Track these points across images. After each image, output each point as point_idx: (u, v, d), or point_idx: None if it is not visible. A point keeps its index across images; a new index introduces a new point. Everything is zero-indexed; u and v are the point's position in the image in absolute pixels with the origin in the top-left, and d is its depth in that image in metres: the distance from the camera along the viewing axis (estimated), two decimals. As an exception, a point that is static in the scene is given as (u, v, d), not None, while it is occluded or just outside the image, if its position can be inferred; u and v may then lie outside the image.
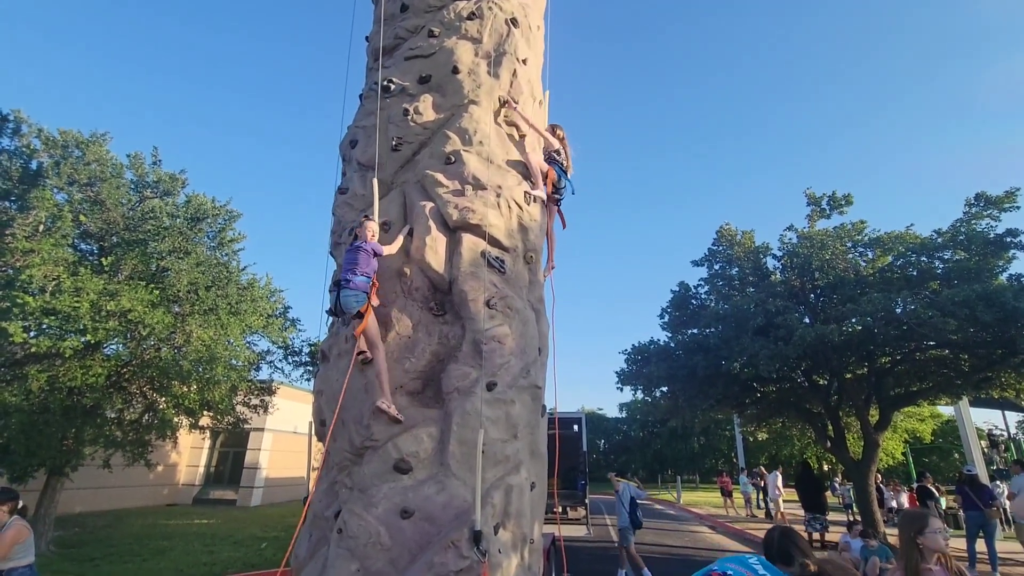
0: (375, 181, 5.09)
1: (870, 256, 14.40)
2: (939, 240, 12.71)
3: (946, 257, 12.61)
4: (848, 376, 14.60)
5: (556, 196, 5.90)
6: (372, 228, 4.57)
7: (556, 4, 7.43)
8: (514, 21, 5.89)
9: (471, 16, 5.76)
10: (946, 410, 30.57)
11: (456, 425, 4.14)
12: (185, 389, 11.92)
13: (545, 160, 5.81)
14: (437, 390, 4.46)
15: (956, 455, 34.65)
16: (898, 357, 13.54)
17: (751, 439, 35.73)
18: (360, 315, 4.26)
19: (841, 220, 15.06)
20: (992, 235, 11.95)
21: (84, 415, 10.81)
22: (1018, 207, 11.98)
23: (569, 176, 6.03)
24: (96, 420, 11.09)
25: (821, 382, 15.22)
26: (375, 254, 4.45)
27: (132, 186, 12.46)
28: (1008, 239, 11.66)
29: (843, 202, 15.13)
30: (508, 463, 4.32)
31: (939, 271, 12.59)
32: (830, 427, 15.08)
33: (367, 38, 6.69)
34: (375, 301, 4.45)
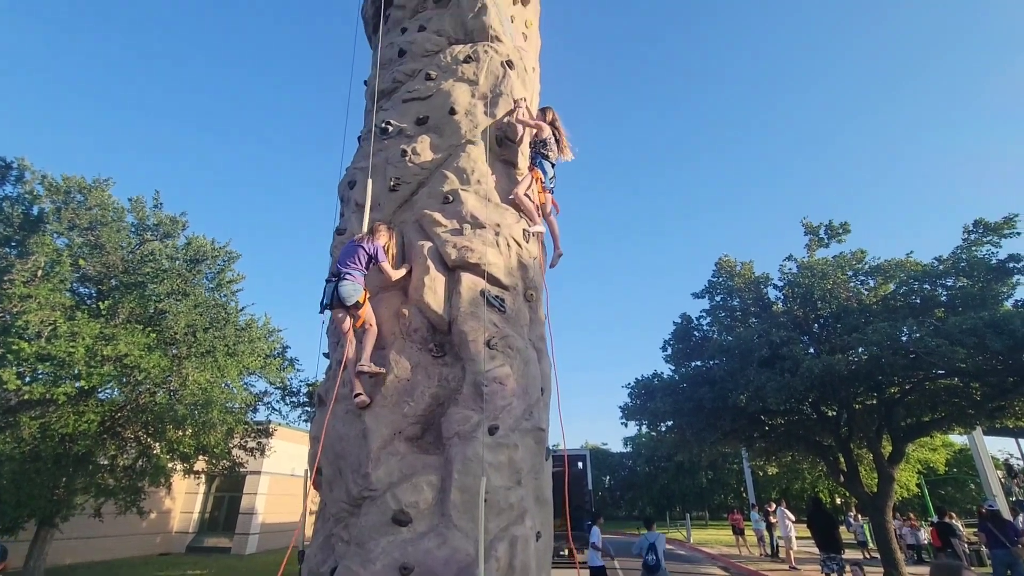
0: (369, 181, 5.19)
1: (872, 284, 14.34)
2: (940, 267, 12.67)
3: (949, 284, 12.55)
4: (857, 407, 14.31)
5: (548, 187, 5.77)
6: (384, 234, 4.70)
7: (550, 19, 7.62)
8: (509, 63, 6.00)
9: (468, 59, 5.87)
10: (958, 438, 29.92)
11: (457, 472, 3.97)
12: (180, 434, 11.65)
13: (532, 151, 5.67)
14: (437, 435, 4.30)
15: (972, 486, 33.73)
16: (907, 387, 13.30)
17: (760, 473, 34.85)
18: (358, 305, 4.43)
19: (840, 249, 15.10)
20: (994, 261, 11.92)
21: (76, 463, 10.53)
22: (1018, 233, 11.99)
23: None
24: (88, 468, 10.80)
25: (830, 414, 14.90)
26: (371, 258, 4.56)
27: (133, 229, 12.53)
28: (1011, 265, 11.62)
29: (840, 231, 15.20)
30: (512, 512, 4.11)
31: (943, 298, 12.50)
32: (842, 460, 14.68)
33: (365, 82, 6.81)
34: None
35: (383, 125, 5.65)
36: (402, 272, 4.78)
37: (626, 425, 17.80)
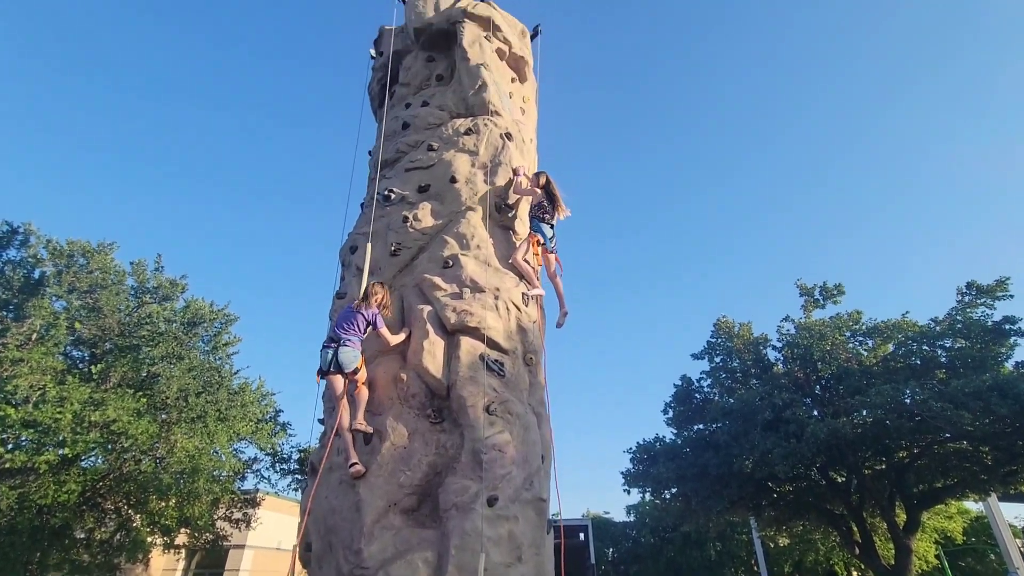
0: (369, 246, 5.27)
1: (870, 345, 14.35)
2: (937, 328, 12.75)
3: (947, 345, 12.58)
4: (867, 472, 13.89)
5: (549, 248, 5.82)
6: (379, 293, 4.68)
7: (547, 93, 8.03)
8: (508, 135, 6.29)
9: (468, 132, 6.17)
10: (974, 505, 28.76)
11: (455, 548, 3.77)
12: (163, 504, 11.13)
13: (531, 216, 5.82)
14: (434, 507, 4.13)
15: (992, 556, 32.05)
16: (916, 451, 13.00)
17: (772, 544, 33.10)
18: (355, 371, 4.43)
19: (836, 309, 15.23)
20: (990, 323, 12.02)
21: (52, 536, 10.00)
22: (1011, 296, 12.19)
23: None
24: (64, 542, 10.25)
25: (839, 480, 14.44)
26: (369, 324, 4.55)
27: (132, 292, 12.58)
28: (1007, 327, 11.72)
29: (835, 292, 15.39)
30: (512, 592, 3.88)
31: (943, 360, 12.49)
32: (855, 530, 14.05)
33: (370, 152, 7.10)
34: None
35: (386, 192, 5.84)
36: (401, 337, 4.78)
37: (629, 492, 17.21)
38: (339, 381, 4.48)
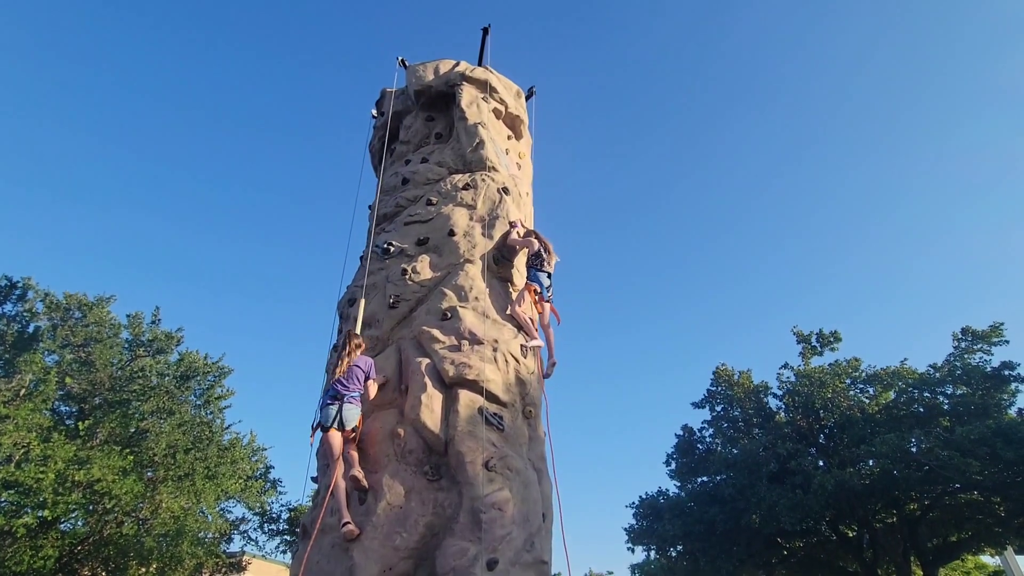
0: (361, 302, 5.26)
1: (871, 393, 14.24)
2: (937, 375, 12.71)
3: (949, 392, 12.50)
4: (879, 526, 13.44)
5: (546, 298, 5.83)
6: (357, 341, 4.71)
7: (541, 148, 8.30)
8: (505, 190, 6.47)
9: (467, 187, 6.34)
10: (991, 560, 27.64)
11: (453, 617, 3.58)
12: (143, 571, 10.58)
13: (528, 266, 5.88)
14: (431, 571, 3.94)
15: (1017, 616, 30.44)
16: (927, 503, 12.64)
17: (785, 606, 31.46)
18: (355, 428, 4.40)
19: (834, 356, 15.19)
20: (989, 369, 12.01)
21: (22, 608, 9.39)
22: (1007, 341, 12.24)
23: (555, 262, 6.03)
24: (35, 614, 9.61)
25: (850, 534, 13.95)
26: (367, 376, 4.56)
27: (126, 345, 12.47)
28: (1006, 372, 11.70)
29: (832, 339, 15.39)
30: (515, 667, 3.65)
31: (946, 407, 12.38)
32: (871, 589, 13.43)
33: (370, 206, 7.25)
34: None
35: (385, 245, 5.92)
36: (374, 390, 4.71)
37: (632, 551, 16.46)
38: (338, 439, 4.39)
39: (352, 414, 4.41)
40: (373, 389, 4.69)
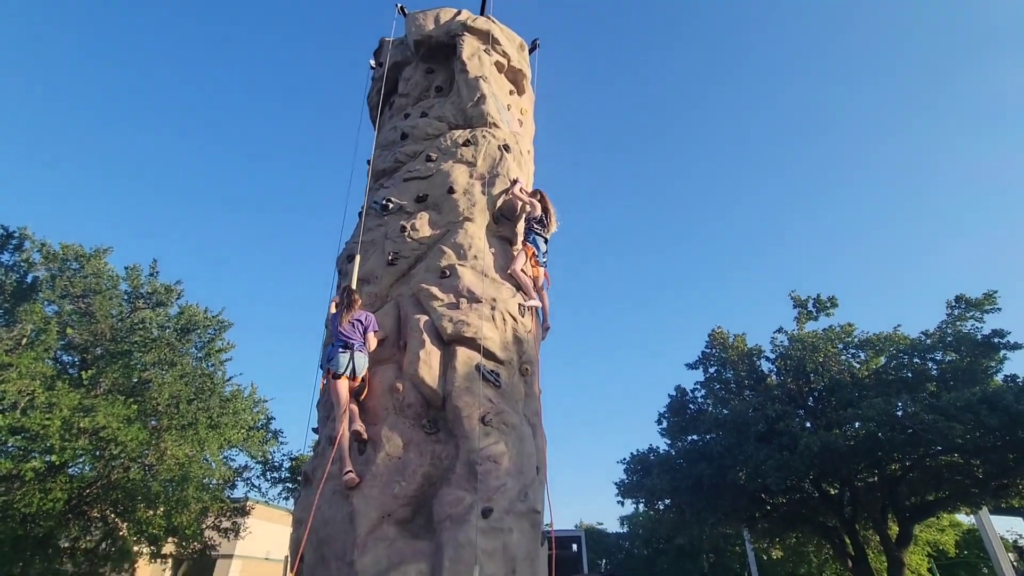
0: (358, 258, 5.28)
1: (863, 357, 14.45)
2: (928, 341, 12.87)
3: (938, 358, 12.69)
4: (860, 485, 13.93)
5: (541, 262, 5.87)
6: (355, 296, 4.81)
7: (544, 105, 8.12)
8: (506, 147, 6.34)
9: (467, 143, 6.21)
10: (966, 518, 28.83)
11: (448, 560, 3.75)
12: (151, 513, 10.97)
13: (526, 227, 5.88)
14: (428, 518, 4.10)
15: (985, 569, 32.06)
16: (908, 464, 13.06)
17: (765, 557, 32.99)
18: (363, 379, 4.56)
19: (829, 322, 15.32)
20: (979, 336, 12.15)
21: (35, 545, 9.81)
22: (999, 309, 12.32)
23: (554, 230, 6.05)
24: (47, 551, 10.06)
25: (832, 492, 14.47)
26: (367, 328, 4.68)
27: (126, 297, 12.48)
28: (996, 340, 11.83)
29: (828, 304, 15.49)
30: (506, 606, 3.85)
31: (934, 372, 12.60)
32: (848, 542, 14.06)
33: (368, 161, 7.12)
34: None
35: (384, 202, 5.85)
36: (375, 342, 4.83)
37: (622, 504, 17.10)
38: (346, 388, 4.51)
39: (362, 362, 4.55)
40: (373, 342, 4.78)
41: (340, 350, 4.56)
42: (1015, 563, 22.14)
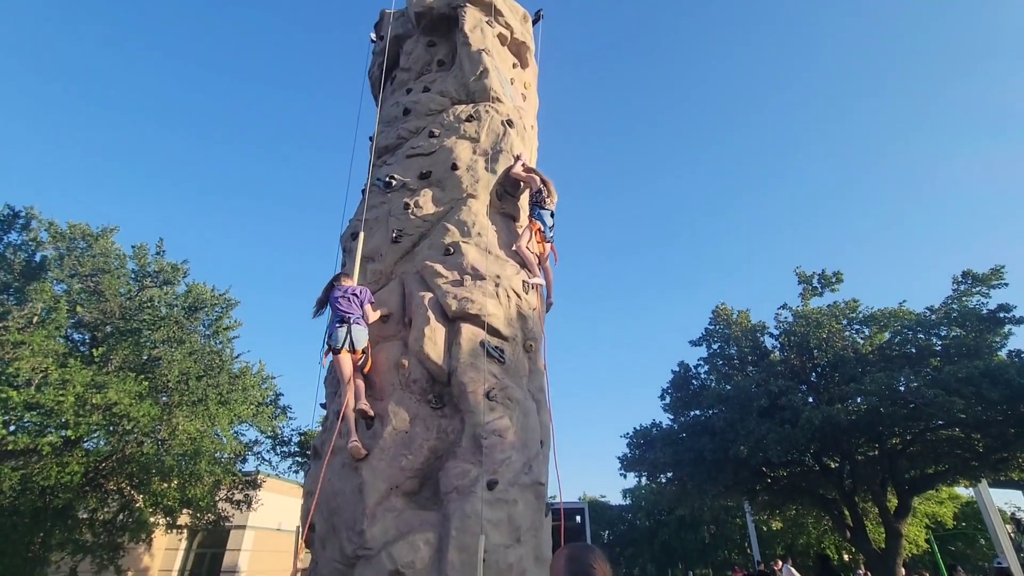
0: (362, 235, 5.33)
1: (867, 333, 14.42)
2: (933, 317, 12.82)
3: (943, 334, 12.66)
4: (860, 458, 14.08)
5: (548, 237, 5.85)
6: (345, 279, 4.92)
7: (548, 80, 7.99)
8: (509, 122, 6.27)
9: (470, 118, 6.15)
10: (965, 491, 29.19)
11: (455, 530, 3.87)
12: (165, 486, 11.26)
13: (531, 203, 5.86)
14: (435, 490, 4.22)
15: (983, 541, 32.62)
16: (909, 438, 13.16)
17: (764, 528, 33.63)
18: (364, 350, 4.63)
19: (834, 298, 15.27)
20: (984, 311, 12.08)
21: (54, 517, 10.11)
22: (1006, 284, 12.22)
23: (552, 206, 5.98)
24: (67, 522, 10.37)
25: (832, 465, 14.64)
26: (363, 301, 4.75)
27: (133, 276, 12.58)
28: (1001, 315, 11.77)
29: (833, 280, 15.41)
30: (511, 572, 3.98)
31: (938, 348, 12.57)
32: (847, 514, 14.30)
33: (371, 138, 7.07)
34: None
35: (387, 179, 5.83)
36: (377, 315, 4.93)
37: (625, 476, 17.38)
38: (349, 361, 4.59)
39: (361, 334, 4.61)
40: (372, 314, 4.84)
41: (337, 325, 4.64)
42: (1012, 535, 22.46)
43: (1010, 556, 17.73)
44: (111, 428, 10.21)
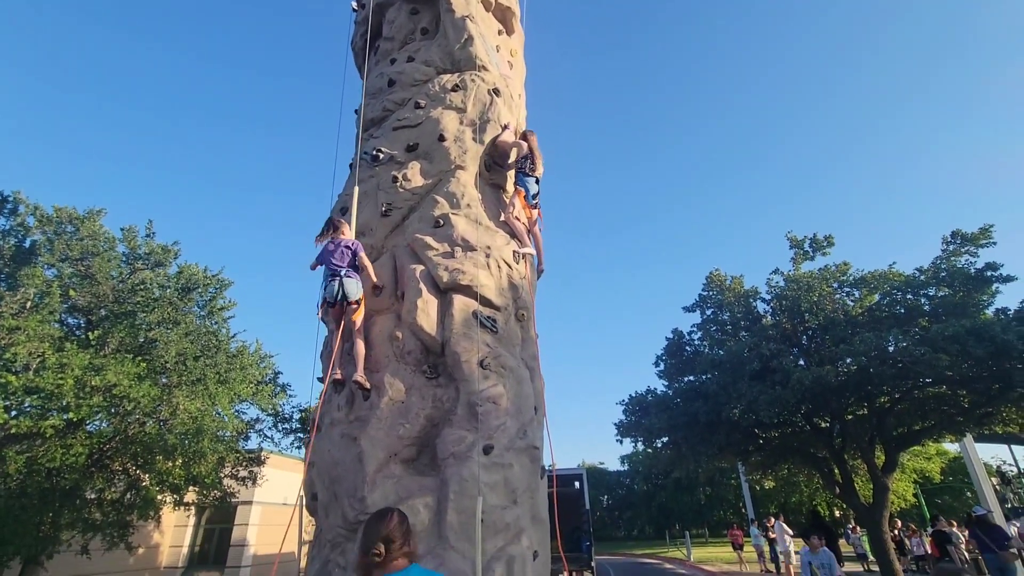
0: (354, 209, 5.32)
1: (857, 296, 14.61)
2: (922, 278, 12.98)
3: (931, 294, 12.84)
4: (849, 417, 14.45)
5: (531, 204, 5.87)
6: (335, 223, 4.92)
7: (534, 46, 7.87)
8: (496, 91, 6.20)
9: (455, 88, 6.06)
10: (952, 447, 30.10)
11: (453, 493, 4.00)
12: (170, 464, 11.46)
13: (516, 170, 5.85)
14: (432, 456, 4.34)
15: (969, 494, 33.80)
16: (897, 396, 13.48)
17: (758, 488, 34.67)
18: (358, 302, 4.67)
19: (825, 261, 15.40)
20: (972, 271, 12.23)
21: (62, 497, 10.31)
22: (994, 243, 12.35)
23: (539, 175, 5.95)
24: (75, 502, 10.57)
25: (823, 425, 15.03)
26: (354, 253, 4.77)
27: (124, 259, 12.50)
28: (989, 273, 11.93)
29: (825, 244, 15.52)
30: (508, 531, 4.14)
31: (926, 308, 12.78)
32: (837, 471, 14.75)
33: (356, 110, 6.97)
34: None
35: (374, 152, 5.79)
36: (369, 265, 4.96)
37: (621, 442, 17.86)
38: (340, 312, 4.71)
39: (353, 286, 4.65)
40: (368, 265, 4.89)
41: (329, 279, 4.70)
42: (997, 487, 23.26)
43: (994, 507, 18.43)
44: (112, 410, 10.32)
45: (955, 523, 16.42)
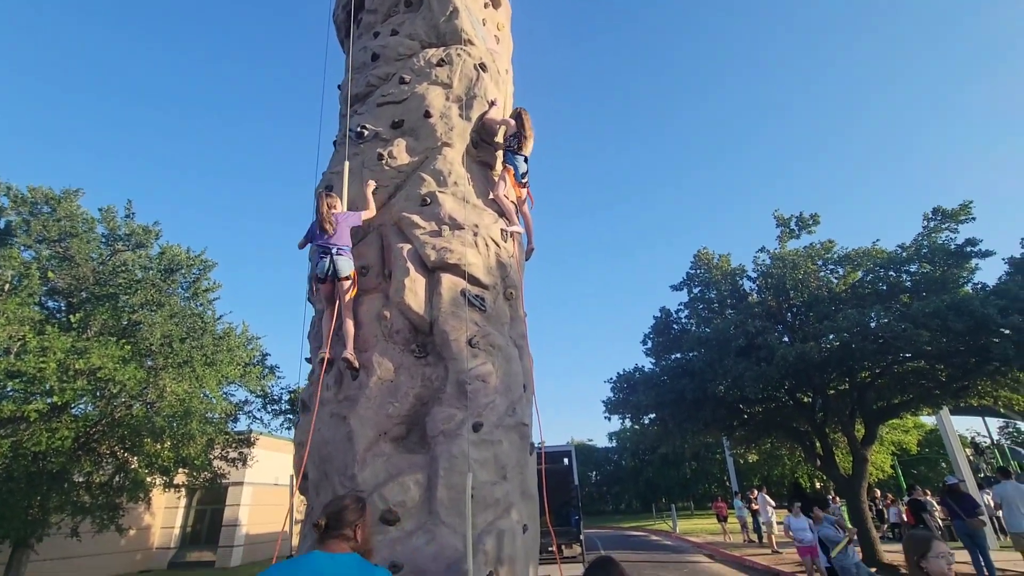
0: (347, 164, 5.28)
1: (841, 273, 14.82)
2: (904, 254, 13.18)
3: (913, 270, 13.06)
4: (831, 392, 14.78)
5: (520, 182, 5.77)
6: (329, 200, 4.85)
7: (522, 21, 7.73)
8: (483, 66, 6.07)
9: (441, 63, 5.93)
10: (929, 420, 31.05)
11: (443, 470, 4.03)
12: (158, 447, 11.44)
13: (504, 148, 5.73)
14: (422, 434, 4.36)
15: (944, 464, 35.02)
16: (877, 371, 13.79)
17: (742, 461, 35.57)
18: (348, 277, 4.66)
19: (810, 239, 15.55)
20: (953, 247, 12.44)
21: (50, 481, 10.26)
22: (973, 218, 12.55)
23: (527, 153, 5.79)
24: (63, 486, 10.53)
25: (805, 400, 15.37)
26: (346, 221, 4.77)
27: (103, 240, 12.26)
28: (968, 249, 12.14)
29: (811, 222, 15.66)
30: (498, 506, 4.20)
31: (908, 284, 13.01)
32: (818, 445, 15.15)
33: (339, 86, 6.81)
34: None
35: (359, 129, 5.67)
36: (372, 213, 5.03)
37: (609, 419, 18.10)
38: (331, 288, 4.69)
39: (344, 264, 4.64)
40: (364, 215, 4.96)
41: (320, 255, 4.67)
42: (971, 458, 24.05)
43: (968, 477, 19.08)
44: (97, 393, 10.23)
45: (930, 492, 17.03)
